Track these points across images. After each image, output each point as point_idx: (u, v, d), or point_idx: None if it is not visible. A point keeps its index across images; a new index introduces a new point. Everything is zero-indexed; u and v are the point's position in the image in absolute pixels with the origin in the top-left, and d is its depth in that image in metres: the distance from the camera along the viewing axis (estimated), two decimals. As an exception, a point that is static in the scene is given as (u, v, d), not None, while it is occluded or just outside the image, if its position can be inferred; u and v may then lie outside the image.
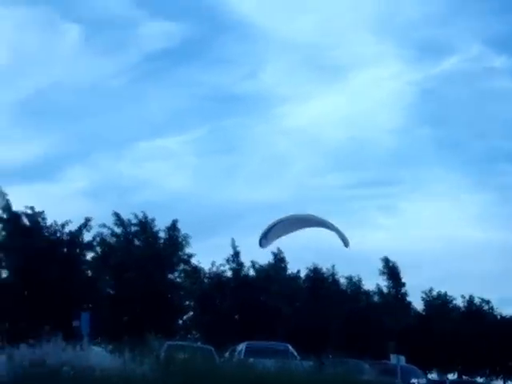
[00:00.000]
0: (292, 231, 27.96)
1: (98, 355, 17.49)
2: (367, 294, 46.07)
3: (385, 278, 47.25)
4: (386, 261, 47.20)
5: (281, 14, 72.18)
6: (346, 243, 26.53)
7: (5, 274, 33.65)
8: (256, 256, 39.98)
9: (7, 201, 33.56)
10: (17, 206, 33.52)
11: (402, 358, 27.29)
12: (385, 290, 47.59)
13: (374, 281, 46.66)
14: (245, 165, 69.58)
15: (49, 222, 33.95)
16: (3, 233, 33.61)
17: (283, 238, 28.51)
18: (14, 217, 33.60)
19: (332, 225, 26.71)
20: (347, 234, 26.86)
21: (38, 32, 67.20)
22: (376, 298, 46.72)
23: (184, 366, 18.54)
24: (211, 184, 64.20)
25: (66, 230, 34.09)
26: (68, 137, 67.26)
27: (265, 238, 27.67)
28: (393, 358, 27.28)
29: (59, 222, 33.95)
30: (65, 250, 33.86)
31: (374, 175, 73.16)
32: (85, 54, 67.93)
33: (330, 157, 73.40)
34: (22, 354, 18.20)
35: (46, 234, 33.79)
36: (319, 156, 73.70)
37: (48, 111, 66.73)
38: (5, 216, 33.57)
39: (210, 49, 74.28)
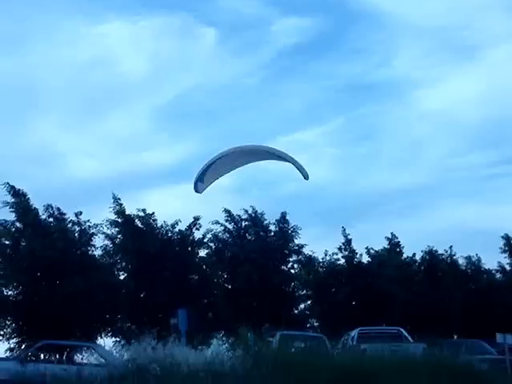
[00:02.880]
0: (235, 167, 22.03)
1: (187, 352, 16.33)
2: (488, 272, 43.13)
3: (506, 255, 44.07)
4: (507, 238, 44.04)
5: (408, -1, 70.01)
6: (304, 175, 21.06)
7: (122, 276, 33.60)
8: (371, 242, 38.77)
9: (121, 205, 33.41)
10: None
11: (510, 337, 24.95)
12: (507, 268, 44.41)
13: (495, 260, 43.70)
14: (383, 151, 68.39)
15: (159, 223, 33.71)
16: (119, 236, 33.40)
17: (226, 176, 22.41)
18: (128, 220, 33.35)
19: (286, 155, 21.31)
20: (491, 211, 23.00)
21: (175, 39, 68.69)
22: (498, 277, 43.70)
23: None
24: (350, 173, 63.39)
25: (176, 229, 33.81)
26: (210, 137, 68.08)
27: (201, 181, 21.67)
28: (499, 337, 25.11)
29: (169, 223, 33.68)
30: (176, 248, 33.37)
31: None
32: (221, 56, 68.93)
33: (468, 137, 70.82)
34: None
35: (158, 235, 33.44)
36: (458, 137, 71.19)
37: (189, 114, 67.95)
38: (119, 220, 33.38)
39: (341, 40, 73.74)
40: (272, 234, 36.46)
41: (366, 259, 38.32)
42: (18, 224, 31.56)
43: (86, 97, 64.14)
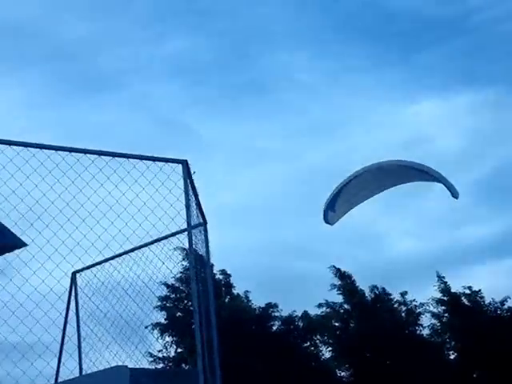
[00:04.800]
0: (375, 192, 17.00)
1: None
2: None
3: None
4: None
5: None
6: (454, 194, 16.51)
7: (452, 355, 32.32)
8: None
9: (445, 283, 32.56)
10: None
11: None
12: None
13: None
14: None
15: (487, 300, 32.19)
16: (446, 314, 32.39)
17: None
18: (454, 298, 32.30)
19: (433, 170, 16.49)
20: None
21: (490, 111, 67.09)
22: None
23: None
24: None
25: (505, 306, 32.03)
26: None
27: (331, 210, 17.07)
28: None
29: (497, 300, 32.02)
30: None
31: None
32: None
33: None
34: None
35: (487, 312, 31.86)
36: None
37: (510, 186, 65.59)
38: (445, 298, 32.46)
39: None
40: None
41: None
42: (345, 306, 32.01)
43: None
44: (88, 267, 12.99)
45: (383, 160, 16.79)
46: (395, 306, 31.86)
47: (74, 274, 13.33)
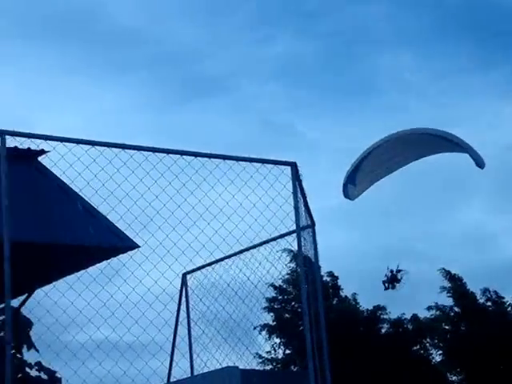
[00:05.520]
0: (400, 165, 15.22)
1: None
2: None
3: None
4: None
5: None
6: (479, 163, 14.48)
7: None
8: None
9: None
10: None
11: None
12: None
13: None
14: None
15: None
16: None
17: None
18: None
19: (458, 138, 14.59)
20: None
21: None
22: None
23: None
24: None
25: None
26: None
27: (351, 183, 15.24)
28: None
29: None
30: None
31: None
32: None
33: None
34: None
35: None
36: None
37: None
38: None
39: None
40: None
41: None
42: (455, 308, 31.27)
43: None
44: (198, 268, 13.13)
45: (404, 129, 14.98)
46: (508, 309, 30.86)
47: (184, 275, 13.52)
